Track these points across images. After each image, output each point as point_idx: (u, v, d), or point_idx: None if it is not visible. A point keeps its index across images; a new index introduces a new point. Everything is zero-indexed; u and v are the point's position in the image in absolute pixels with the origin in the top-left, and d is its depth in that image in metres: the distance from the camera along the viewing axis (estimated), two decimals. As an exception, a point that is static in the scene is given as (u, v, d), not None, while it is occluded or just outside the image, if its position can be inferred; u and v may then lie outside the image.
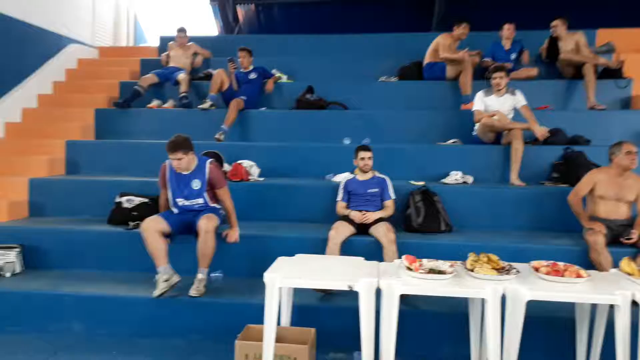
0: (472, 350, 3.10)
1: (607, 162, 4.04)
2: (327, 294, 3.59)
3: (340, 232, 3.88)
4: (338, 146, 5.38)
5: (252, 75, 6.28)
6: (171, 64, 6.88)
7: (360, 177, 4.28)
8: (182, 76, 6.51)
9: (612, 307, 2.69)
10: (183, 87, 6.40)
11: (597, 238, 3.65)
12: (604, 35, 6.80)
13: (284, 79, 6.78)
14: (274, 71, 6.72)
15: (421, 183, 4.67)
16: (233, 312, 3.47)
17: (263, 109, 6.27)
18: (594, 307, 3.02)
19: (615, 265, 3.30)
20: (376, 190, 4.20)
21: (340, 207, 4.24)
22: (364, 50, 7.50)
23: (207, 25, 12.03)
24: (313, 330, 3.12)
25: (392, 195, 4.22)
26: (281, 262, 3.08)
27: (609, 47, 6.38)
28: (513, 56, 6.32)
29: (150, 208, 4.40)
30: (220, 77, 6.12)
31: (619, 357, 2.64)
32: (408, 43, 7.25)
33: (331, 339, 3.27)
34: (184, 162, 3.72)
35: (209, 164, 3.88)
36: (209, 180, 3.85)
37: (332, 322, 3.36)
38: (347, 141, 5.53)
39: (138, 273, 3.92)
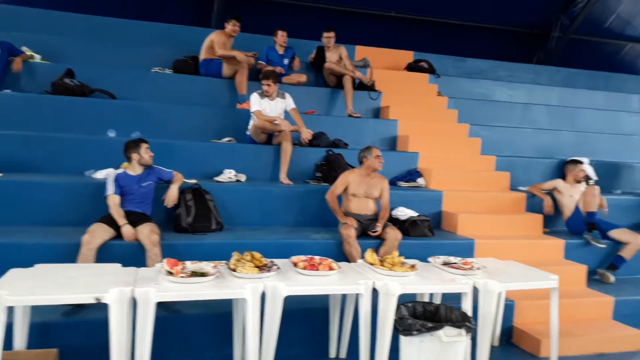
0: (234, 350, 3.10)
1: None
2: (76, 307, 3.14)
3: (96, 235, 3.45)
4: (101, 139, 4.85)
5: (-8, 50, 5.23)
6: None
7: (132, 171, 3.90)
8: None
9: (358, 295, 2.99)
10: None
11: (349, 231, 4.05)
12: (361, 51, 7.72)
13: (37, 58, 5.83)
14: (23, 48, 5.73)
15: (193, 181, 4.51)
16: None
17: (7, 91, 5.27)
18: (344, 296, 3.32)
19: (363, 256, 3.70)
20: (151, 182, 3.93)
21: (114, 201, 3.72)
22: (137, 37, 7.04)
23: None
24: (55, 351, 2.70)
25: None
26: (13, 275, 2.59)
27: (365, 62, 7.26)
28: (286, 61, 6.64)
29: None
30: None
31: (362, 339, 2.96)
32: (185, 36, 7.09)
33: (79, 358, 2.88)
34: None
35: None
36: None
37: (80, 339, 2.96)
38: (112, 134, 5.04)
39: None
